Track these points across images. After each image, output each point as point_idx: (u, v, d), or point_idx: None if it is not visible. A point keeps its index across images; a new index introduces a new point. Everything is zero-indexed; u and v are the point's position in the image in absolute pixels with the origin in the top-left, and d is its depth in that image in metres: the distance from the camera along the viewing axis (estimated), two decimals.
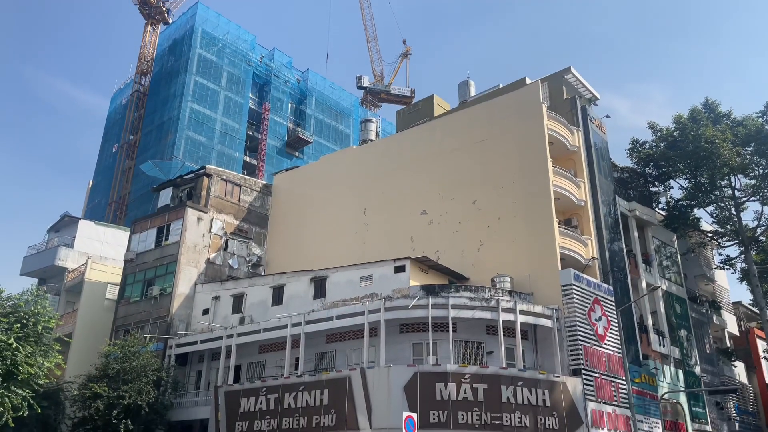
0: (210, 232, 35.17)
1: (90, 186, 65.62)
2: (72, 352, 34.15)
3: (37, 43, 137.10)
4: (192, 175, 37.39)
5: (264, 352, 29.58)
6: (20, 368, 21.66)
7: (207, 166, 38.46)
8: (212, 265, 34.80)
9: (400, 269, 27.46)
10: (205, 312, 32.51)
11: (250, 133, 60.08)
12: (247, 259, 36.72)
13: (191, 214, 34.56)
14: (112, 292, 37.60)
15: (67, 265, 41.41)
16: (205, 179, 36.15)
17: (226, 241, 35.96)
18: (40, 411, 23.52)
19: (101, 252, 42.58)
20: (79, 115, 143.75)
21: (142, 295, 33.97)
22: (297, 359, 27.17)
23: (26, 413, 21.97)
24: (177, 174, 43.46)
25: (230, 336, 29.35)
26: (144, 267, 34.76)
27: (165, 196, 37.42)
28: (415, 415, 21.24)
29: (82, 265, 39.90)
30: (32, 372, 22.11)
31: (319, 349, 27.73)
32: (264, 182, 40.82)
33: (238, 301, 31.91)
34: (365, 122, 44.09)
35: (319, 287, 29.52)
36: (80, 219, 46.54)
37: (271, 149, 60.89)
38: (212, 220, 35.51)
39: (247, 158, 59.11)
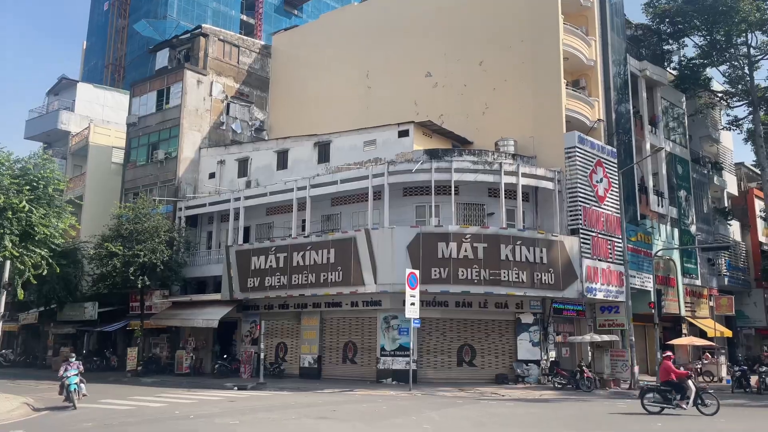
0: (210, 95, 34.65)
1: (84, 47, 63.59)
2: (84, 214, 35.19)
3: None
4: (188, 35, 36.10)
5: (271, 214, 30.39)
6: (35, 229, 22.37)
7: (203, 25, 37.03)
8: (215, 129, 34.70)
9: (403, 133, 27.37)
10: (212, 176, 32.97)
11: None
12: (250, 123, 36.51)
13: (190, 76, 33.86)
14: (118, 156, 37.92)
15: (70, 128, 41.37)
16: (202, 39, 34.96)
17: (228, 105, 35.53)
18: (59, 270, 24.67)
19: (102, 116, 42.34)
20: None
21: (148, 159, 34.27)
22: (303, 221, 27.98)
23: (45, 271, 23.03)
24: (172, 34, 41.88)
25: (237, 199, 30.03)
26: (147, 131, 34.71)
27: (162, 58, 36.39)
28: (417, 272, 22.35)
29: (85, 129, 39.87)
30: (47, 233, 22.85)
31: (324, 211, 28.45)
32: (263, 43, 39.45)
33: (243, 165, 32.22)
34: None
35: (323, 152, 29.62)
36: (78, 81, 45.74)
37: (269, 7, 58.04)
38: (212, 83, 34.83)
39: (244, 17, 56.57)
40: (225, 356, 28.72)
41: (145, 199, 30.80)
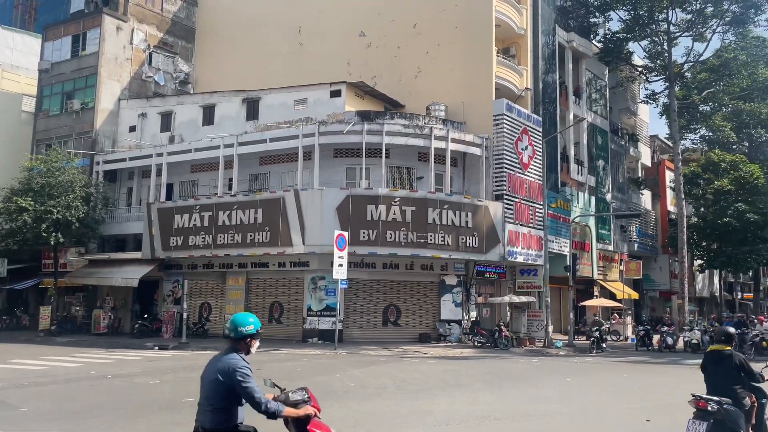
0: (131, 44, 32.82)
1: None
2: None
3: None
4: None
5: (196, 171, 29.48)
6: None
7: None
8: (136, 80, 33.00)
9: (335, 93, 27.00)
10: (132, 129, 31.49)
11: None
12: (174, 75, 34.93)
13: (109, 22, 31.89)
14: (29, 104, 35.46)
15: None
16: None
17: (150, 54, 33.78)
18: None
19: (12, 60, 39.35)
20: None
21: (62, 109, 32.29)
22: (230, 179, 27.34)
23: None
24: None
25: (160, 155, 28.89)
26: (61, 78, 32.59)
27: (78, 1, 34.02)
28: (346, 234, 22.43)
29: None
30: None
31: (252, 170, 27.88)
32: None
33: (166, 120, 30.93)
34: None
35: (252, 109, 28.84)
36: None
37: None
38: (133, 30, 32.95)
39: None
40: (146, 316, 28.00)
41: (58, 151, 29.07)
